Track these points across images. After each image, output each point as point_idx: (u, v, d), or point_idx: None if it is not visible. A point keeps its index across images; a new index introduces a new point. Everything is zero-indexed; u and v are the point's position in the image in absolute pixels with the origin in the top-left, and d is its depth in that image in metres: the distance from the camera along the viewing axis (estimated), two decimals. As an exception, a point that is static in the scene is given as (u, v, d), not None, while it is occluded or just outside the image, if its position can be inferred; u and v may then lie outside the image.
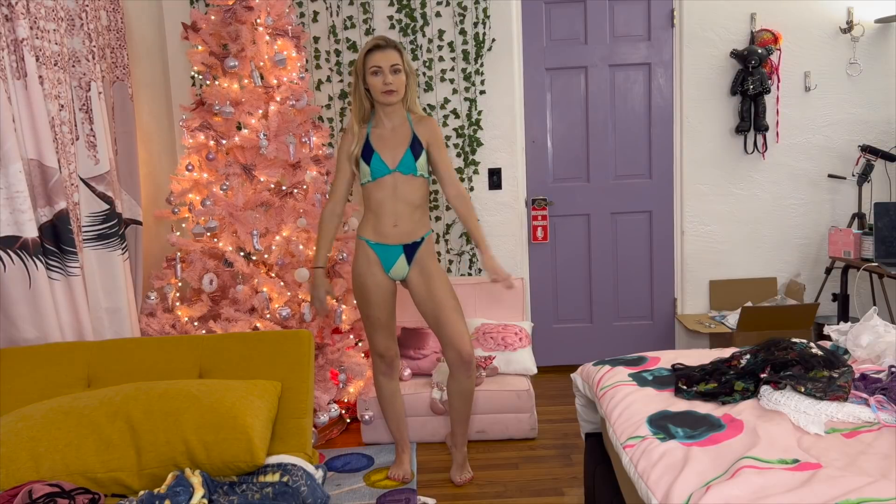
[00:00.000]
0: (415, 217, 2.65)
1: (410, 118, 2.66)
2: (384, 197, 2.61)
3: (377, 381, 2.85)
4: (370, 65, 2.53)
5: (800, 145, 3.93)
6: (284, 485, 1.86)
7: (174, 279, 3.17)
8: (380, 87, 2.53)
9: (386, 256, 2.65)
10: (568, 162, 4.03)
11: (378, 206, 2.63)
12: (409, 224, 2.64)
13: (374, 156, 2.59)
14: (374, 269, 2.66)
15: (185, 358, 2.23)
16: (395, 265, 2.66)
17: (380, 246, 2.65)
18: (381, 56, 2.52)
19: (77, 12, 2.71)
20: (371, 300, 2.68)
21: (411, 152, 2.60)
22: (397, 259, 2.65)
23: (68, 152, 2.58)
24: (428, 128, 2.66)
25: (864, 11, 3.76)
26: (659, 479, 1.55)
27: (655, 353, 2.37)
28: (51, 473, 1.81)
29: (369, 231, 2.66)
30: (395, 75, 2.53)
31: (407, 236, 2.65)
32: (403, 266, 2.66)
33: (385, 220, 2.62)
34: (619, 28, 3.92)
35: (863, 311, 3.76)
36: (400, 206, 2.62)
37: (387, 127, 2.64)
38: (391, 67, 2.52)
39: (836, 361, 1.84)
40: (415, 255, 2.66)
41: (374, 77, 2.53)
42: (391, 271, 2.67)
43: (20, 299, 2.34)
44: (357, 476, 2.89)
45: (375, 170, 2.59)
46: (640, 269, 4.09)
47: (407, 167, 2.60)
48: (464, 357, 2.63)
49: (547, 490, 2.74)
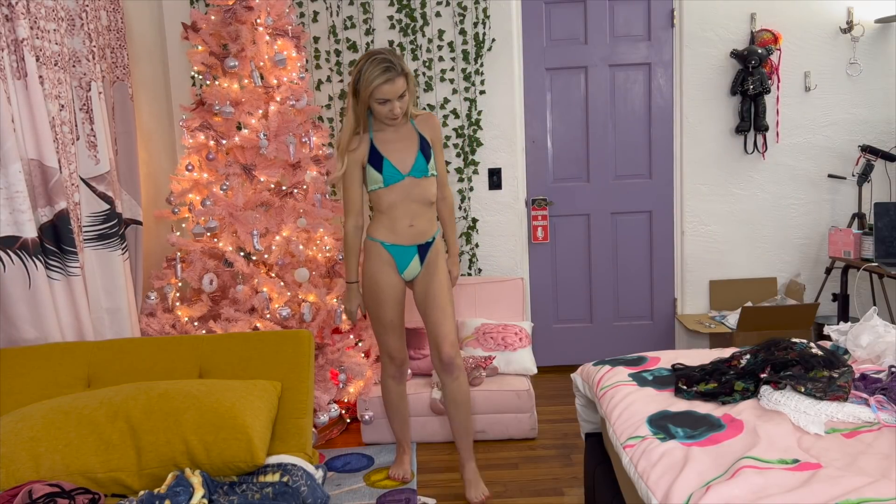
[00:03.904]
0: (429, 215, 2.62)
1: (411, 118, 2.62)
2: (397, 199, 2.55)
3: (385, 383, 2.81)
4: (377, 97, 2.42)
5: (800, 145, 3.93)
6: (284, 485, 1.86)
7: (174, 279, 3.17)
8: (386, 115, 2.47)
9: (401, 257, 2.60)
10: (568, 162, 4.03)
11: (391, 209, 2.56)
12: (424, 223, 2.60)
13: (385, 162, 2.51)
14: (388, 270, 2.60)
15: (185, 358, 2.23)
16: (410, 266, 2.62)
17: (395, 247, 2.59)
18: (389, 89, 2.40)
19: (77, 12, 2.71)
20: (384, 302, 2.63)
21: (422, 155, 2.56)
22: (412, 259, 2.61)
23: (69, 152, 2.58)
24: (430, 125, 2.63)
25: (864, 11, 3.76)
26: (659, 479, 1.55)
27: (655, 353, 2.37)
28: (51, 473, 1.81)
29: (383, 232, 2.59)
30: (401, 100, 2.46)
31: (421, 236, 2.60)
32: (417, 266, 2.63)
33: (400, 222, 2.56)
34: (619, 28, 3.92)
35: (863, 311, 3.76)
36: (414, 206, 2.57)
37: (389, 129, 2.57)
38: (399, 96, 2.44)
39: (836, 361, 1.84)
40: (427, 254, 2.63)
41: (381, 106, 2.44)
42: (405, 272, 2.62)
43: (20, 299, 2.34)
44: (357, 476, 2.89)
45: (388, 176, 2.52)
46: (640, 269, 4.09)
47: (420, 170, 2.55)
48: (443, 358, 2.60)
49: (547, 490, 2.74)
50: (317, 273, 3.24)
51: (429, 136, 2.61)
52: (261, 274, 3.11)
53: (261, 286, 3.05)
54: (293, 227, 3.15)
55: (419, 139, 2.57)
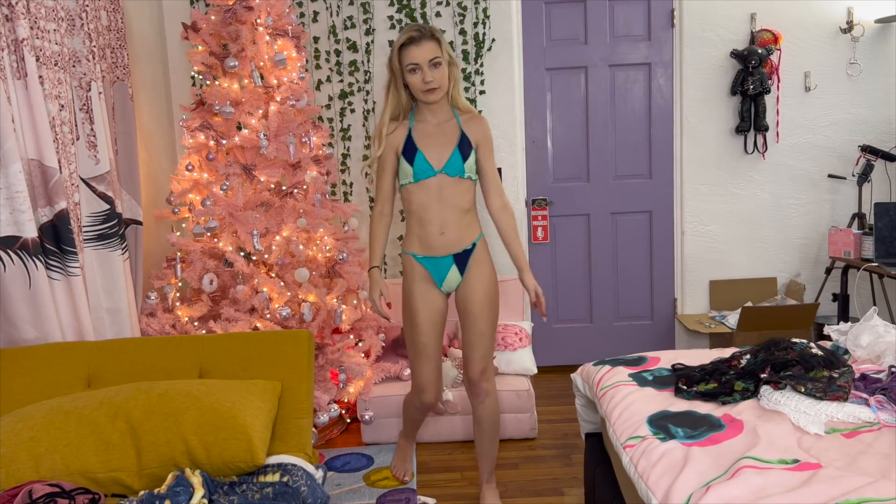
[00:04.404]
0: (463, 223, 2.39)
1: (457, 114, 2.41)
2: (428, 201, 2.35)
3: (410, 408, 2.64)
4: (406, 62, 2.26)
5: (800, 145, 3.93)
6: (284, 485, 1.86)
7: (174, 279, 3.17)
8: (419, 86, 2.28)
9: (437, 270, 2.41)
10: (568, 162, 4.03)
11: (421, 211, 2.37)
12: (458, 231, 2.39)
13: (418, 154, 2.33)
14: (425, 286, 2.41)
15: (185, 358, 2.23)
16: (448, 277, 2.42)
17: (428, 259, 2.41)
18: (417, 51, 2.23)
19: (77, 12, 2.71)
20: (418, 325, 2.41)
21: (459, 152, 2.35)
22: (449, 270, 2.41)
23: (69, 152, 2.58)
24: (479, 127, 2.41)
25: (864, 11, 3.76)
26: (659, 479, 1.55)
27: (655, 353, 2.37)
28: (51, 473, 1.81)
29: (415, 243, 2.41)
30: (435, 70, 2.26)
31: (456, 244, 2.39)
32: (456, 276, 2.43)
33: (430, 228, 2.37)
34: (619, 28, 3.92)
35: (863, 311, 3.75)
36: (446, 211, 2.36)
37: (431, 122, 2.38)
38: (430, 62, 2.25)
39: (836, 361, 1.84)
40: (467, 262, 2.42)
41: (412, 75, 2.27)
42: (444, 284, 2.43)
43: (20, 299, 2.34)
44: (357, 476, 2.89)
45: (419, 170, 2.33)
46: (640, 269, 4.09)
47: (454, 168, 2.34)
48: (471, 379, 2.48)
49: (547, 490, 2.74)
50: (317, 273, 3.24)
51: (474, 137, 2.40)
52: (261, 274, 3.10)
53: (261, 286, 3.05)
54: (293, 227, 3.15)
55: (460, 137, 2.37)
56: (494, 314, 2.47)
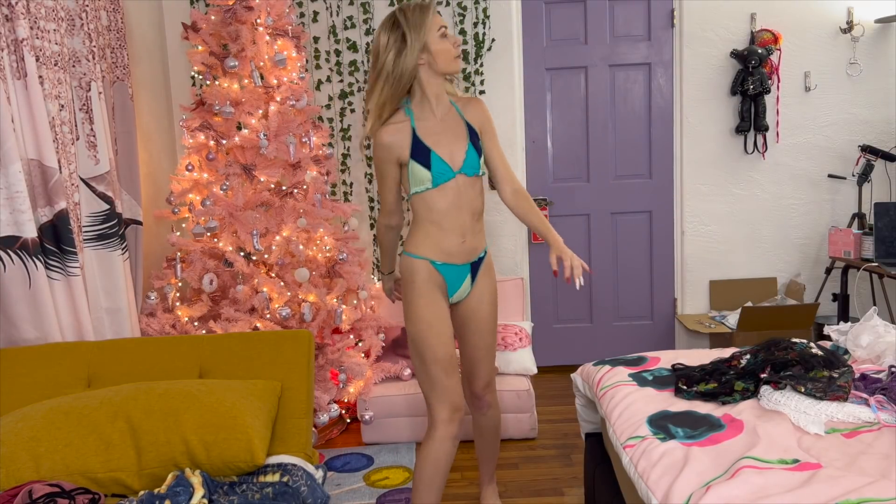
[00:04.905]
0: (477, 228, 2.17)
1: (454, 102, 2.15)
2: (448, 207, 2.08)
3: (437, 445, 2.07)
4: (438, 25, 1.99)
5: (800, 145, 3.93)
6: (284, 485, 1.86)
7: (174, 279, 3.17)
8: (453, 53, 2.02)
9: (453, 279, 2.16)
10: (568, 162, 4.03)
11: (442, 219, 2.08)
12: (475, 238, 2.16)
13: (433, 156, 2.04)
14: (436, 296, 2.12)
15: (185, 358, 2.23)
16: (461, 287, 2.19)
17: (446, 266, 2.13)
18: (440, 19, 2.01)
19: (77, 12, 2.71)
20: (434, 337, 2.09)
21: (473, 148, 2.09)
22: (464, 280, 2.18)
23: (68, 152, 2.58)
24: (478, 110, 2.15)
25: (864, 11, 3.76)
26: (659, 479, 1.55)
27: (655, 353, 2.37)
28: (51, 473, 1.81)
29: (430, 248, 2.11)
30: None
31: (473, 252, 2.17)
32: (468, 287, 2.20)
33: (451, 237, 2.10)
34: (619, 28, 3.92)
35: (863, 311, 3.76)
36: (465, 216, 2.11)
37: (434, 118, 2.09)
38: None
39: (836, 361, 1.84)
40: (478, 271, 2.21)
41: (443, 42, 1.99)
42: (455, 294, 2.19)
43: (20, 299, 2.34)
44: (357, 476, 2.89)
45: (438, 173, 2.04)
46: (640, 269, 4.09)
47: (472, 167, 2.09)
48: (474, 393, 2.35)
49: (547, 490, 2.74)
50: (317, 273, 3.24)
51: (476, 122, 2.14)
52: (261, 274, 3.11)
53: (261, 286, 3.06)
54: (293, 227, 3.15)
55: (467, 129, 2.12)
56: (495, 331, 2.33)
